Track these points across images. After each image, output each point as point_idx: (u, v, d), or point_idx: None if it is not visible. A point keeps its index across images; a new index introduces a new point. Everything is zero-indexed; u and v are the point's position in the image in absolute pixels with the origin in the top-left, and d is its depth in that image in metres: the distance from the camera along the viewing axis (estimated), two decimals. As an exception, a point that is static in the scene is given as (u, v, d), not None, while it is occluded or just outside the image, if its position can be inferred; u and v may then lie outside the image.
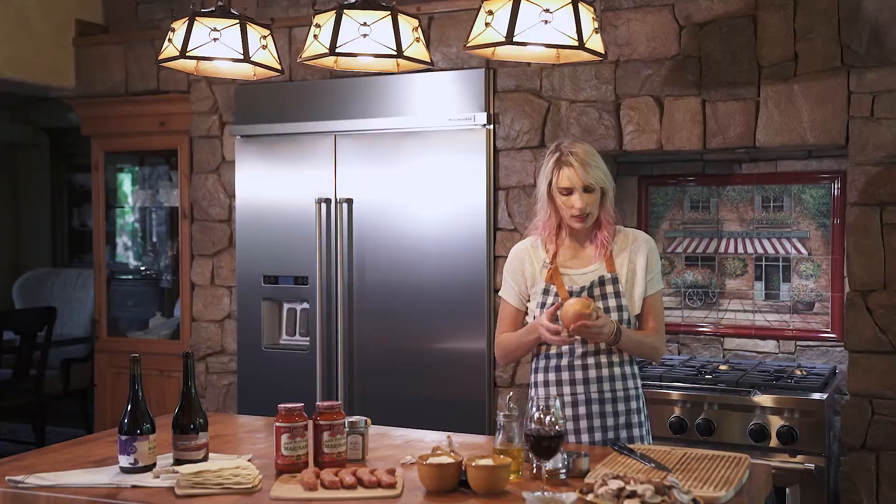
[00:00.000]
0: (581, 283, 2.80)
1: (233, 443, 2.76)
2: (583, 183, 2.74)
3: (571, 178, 2.74)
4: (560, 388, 2.79)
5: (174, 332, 5.02)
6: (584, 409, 2.77)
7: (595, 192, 2.77)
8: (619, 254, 2.84)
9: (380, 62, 2.95)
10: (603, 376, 2.78)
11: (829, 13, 3.53)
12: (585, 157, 2.76)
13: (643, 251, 2.84)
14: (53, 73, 5.01)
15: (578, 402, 2.78)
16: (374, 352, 4.20)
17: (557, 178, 2.77)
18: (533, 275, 2.86)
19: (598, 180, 2.76)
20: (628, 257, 2.83)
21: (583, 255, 2.85)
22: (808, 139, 3.58)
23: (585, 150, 2.79)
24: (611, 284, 2.79)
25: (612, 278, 2.80)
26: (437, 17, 4.13)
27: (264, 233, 4.43)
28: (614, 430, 2.78)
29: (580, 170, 2.73)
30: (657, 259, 2.88)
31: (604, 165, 2.80)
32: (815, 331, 4.00)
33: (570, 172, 2.74)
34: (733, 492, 2.20)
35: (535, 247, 2.89)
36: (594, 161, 2.77)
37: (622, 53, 3.84)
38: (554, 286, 2.80)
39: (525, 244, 2.93)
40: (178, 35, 2.85)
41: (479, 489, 2.19)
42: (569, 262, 2.85)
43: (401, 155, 4.14)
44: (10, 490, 2.30)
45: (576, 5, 2.45)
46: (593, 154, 2.79)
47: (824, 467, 3.41)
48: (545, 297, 2.81)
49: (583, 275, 2.82)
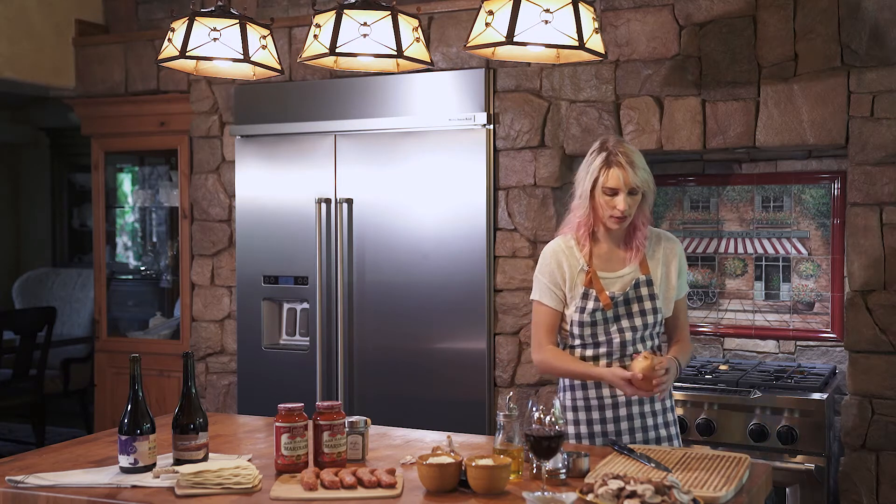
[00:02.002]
0: (618, 287, 2.78)
1: (233, 443, 2.76)
2: (630, 184, 2.69)
3: (619, 179, 2.68)
4: (588, 392, 2.78)
5: (174, 332, 5.02)
6: (611, 413, 2.76)
7: (638, 194, 2.72)
8: (653, 256, 2.83)
9: (380, 62, 2.95)
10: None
11: (829, 13, 3.53)
12: (634, 158, 2.71)
13: (675, 254, 2.85)
14: (53, 73, 5.01)
15: (607, 406, 2.77)
16: (374, 352, 4.20)
17: (605, 178, 2.70)
18: (572, 277, 2.80)
19: (644, 183, 2.72)
20: (662, 260, 2.83)
21: (617, 256, 2.82)
22: (808, 139, 3.58)
23: (633, 151, 2.74)
24: (646, 287, 2.78)
25: (647, 280, 2.78)
26: (437, 17, 4.13)
27: (264, 233, 4.43)
28: (642, 432, 2.77)
29: (629, 171, 2.68)
30: (685, 263, 2.89)
31: (648, 167, 2.75)
32: (815, 331, 4.00)
33: (619, 173, 2.68)
34: (733, 492, 2.20)
35: (570, 247, 2.82)
36: (641, 162, 2.72)
37: (622, 53, 3.84)
38: (594, 290, 2.76)
39: (558, 244, 2.85)
40: (178, 35, 2.85)
41: (479, 489, 2.20)
42: (604, 263, 2.81)
43: (401, 155, 4.14)
44: (10, 490, 2.30)
45: (576, 5, 2.45)
46: (639, 155, 2.75)
47: (824, 467, 3.41)
48: (584, 301, 2.77)
49: (619, 278, 2.79)
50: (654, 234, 2.87)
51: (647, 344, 2.80)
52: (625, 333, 2.76)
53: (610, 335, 2.76)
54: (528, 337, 3.98)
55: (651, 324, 2.79)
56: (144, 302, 5.45)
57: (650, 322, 2.78)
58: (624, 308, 2.76)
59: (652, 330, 2.80)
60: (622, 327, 2.76)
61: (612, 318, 2.76)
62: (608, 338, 2.77)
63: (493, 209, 4.03)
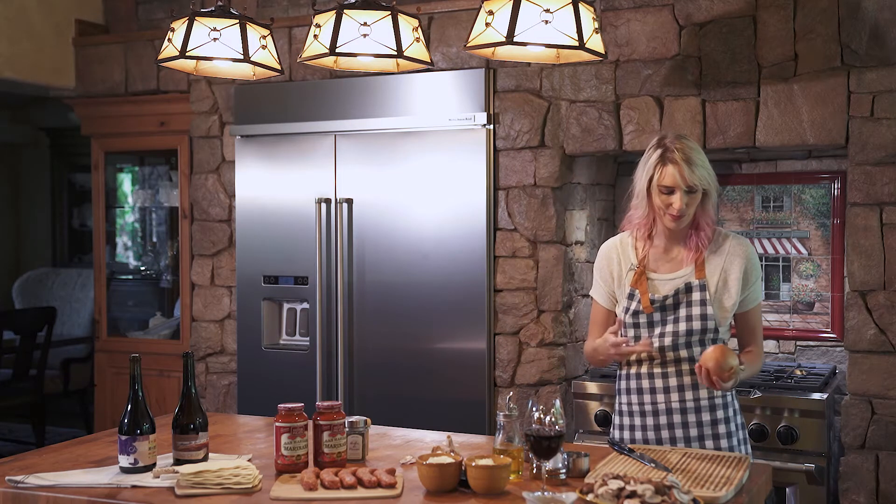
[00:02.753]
0: (666, 290, 2.68)
1: (233, 443, 2.76)
2: (687, 182, 2.58)
3: (675, 177, 2.58)
4: (641, 397, 2.71)
5: (174, 332, 5.02)
6: (664, 419, 2.68)
7: (697, 192, 2.61)
8: (713, 259, 2.69)
9: (380, 62, 2.95)
10: (685, 384, 2.67)
11: (829, 13, 3.53)
12: (691, 155, 2.60)
13: (740, 259, 2.68)
14: (53, 73, 5.01)
15: (659, 412, 2.68)
16: (374, 352, 4.20)
17: (660, 176, 2.60)
18: (620, 275, 2.75)
19: (703, 180, 2.60)
20: (722, 265, 2.68)
21: (674, 256, 2.72)
22: (808, 139, 3.58)
23: (691, 147, 2.62)
24: (697, 292, 2.65)
25: (699, 285, 2.66)
26: (437, 17, 4.13)
27: (264, 233, 4.42)
28: (698, 441, 2.66)
29: (685, 168, 2.57)
30: (757, 269, 2.72)
31: (709, 164, 2.64)
32: (815, 331, 4.00)
33: (675, 171, 2.58)
34: (733, 492, 2.20)
35: (625, 245, 2.77)
36: (700, 159, 2.61)
37: (622, 53, 3.84)
38: (638, 291, 2.69)
39: (615, 242, 2.80)
40: (178, 35, 2.85)
41: (479, 489, 2.20)
42: (658, 263, 2.72)
43: (401, 155, 4.14)
44: (10, 490, 2.30)
45: (576, 5, 2.45)
46: (698, 151, 2.63)
47: (824, 467, 3.41)
48: (630, 301, 2.70)
49: (670, 280, 2.69)
50: (721, 235, 2.73)
51: (693, 351, 2.66)
52: (665, 338, 2.67)
53: (651, 339, 2.67)
54: (529, 337, 3.99)
55: (697, 330, 2.65)
56: (144, 302, 5.45)
57: (696, 329, 2.65)
58: (670, 312, 2.67)
59: (701, 336, 2.66)
60: (665, 332, 2.67)
61: (656, 322, 2.68)
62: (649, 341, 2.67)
63: (493, 209, 4.03)
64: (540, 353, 3.95)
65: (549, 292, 3.94)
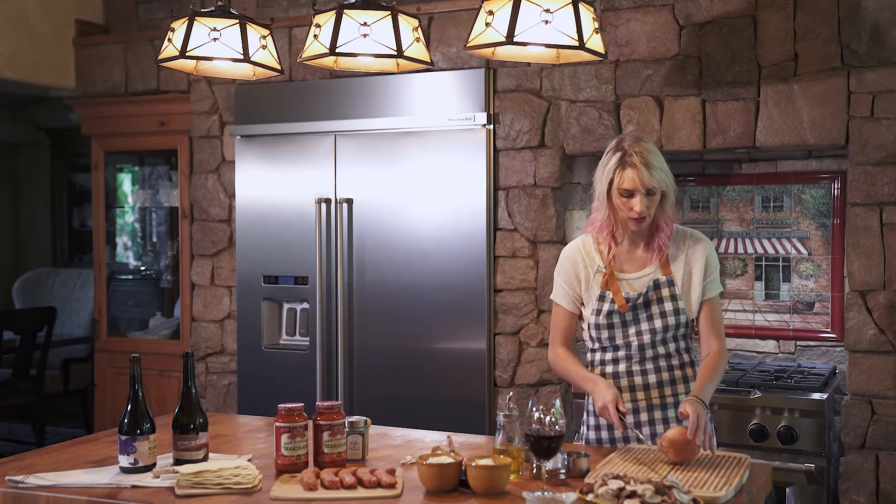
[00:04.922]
0: (637, 287, 2.72)
1: (233, 443, 2.76)
2: (646, 185, 2.61)
3: (635, 181, 2.61)
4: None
5: (174, 332, 5.02)
6: (645, 416, 2.70)
7: (656, 194, 2.64)
8: (676, 256, 2.74)
9: (380, 62, 2.95)
10: (664, 380, 2.70)
11: (829, 13, 3.53)
12: (649, 158, 2.62)
13: (701, 254, 2.74)
14: (53, 73, 5.02)
15: (640, 409, 2.70)
16: (374, 352, 4.20)
17: (620, 180, 2.63)
18: (587, 279, 2.76)
19: (661, 182, 2.63)
20: (685, 260, 2.74)
21: (638, 256, 2.75)
22: (808, 139, 3.58)
23: (649, 150, 2.65)
24: (667, 287, 2.71)
25: (667, 281, 2.71)
26: (437, 17, 4.13)
27: (264, 233, 4.43)
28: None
29: (644, 172, 2.60)
30: (716, 262, 2.77)
31: (666, 166, 2.67)
32: (815, 331, 4.00)
33: (634, 174, 2.61)
34: (733, 492, 2.20)
35: (588, 248, 2.78)
36: (658, 162, 2.64)
37: (622, 53, 3.84)
38: (610, 292, 2.72)
39: (576, 245, 2.82)
40: (178, 35, 2.85)
41: (479, 489, 2.20)
42: (623, 264, 2.75)
43: (401, 155, 4.14)
44: (10, 490, 2.30)
45: (576, 5, 2.45)
46: (656, 153, 2.66)
47: (824, 467, 3.41)
48: (601, 303, 2.72)
49: (638, 279, 2.73)
50: (680, 233, 2.78)
51: (669, 347, 2.72)
52: (643, 336, 2.70)
53: (628, 338, 2.71)
54: (529, 337, 3.99)
55: (673, 325, 2.70)
56: (144, 302, 5.45)
57: (671, 324, 2.70)
58: (643, 310, 2.71)
59: (675, 332, 2.72)
60: (640, 330, 2.70)
61: (630, 321, 2.71)
62: (626, 341, 2.71)
63: (493, 209, 4.03)
64: (540, 353, 3.95)
65: (549, 292, 3.94)
